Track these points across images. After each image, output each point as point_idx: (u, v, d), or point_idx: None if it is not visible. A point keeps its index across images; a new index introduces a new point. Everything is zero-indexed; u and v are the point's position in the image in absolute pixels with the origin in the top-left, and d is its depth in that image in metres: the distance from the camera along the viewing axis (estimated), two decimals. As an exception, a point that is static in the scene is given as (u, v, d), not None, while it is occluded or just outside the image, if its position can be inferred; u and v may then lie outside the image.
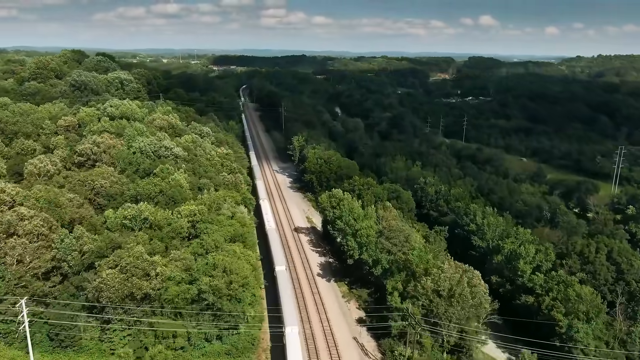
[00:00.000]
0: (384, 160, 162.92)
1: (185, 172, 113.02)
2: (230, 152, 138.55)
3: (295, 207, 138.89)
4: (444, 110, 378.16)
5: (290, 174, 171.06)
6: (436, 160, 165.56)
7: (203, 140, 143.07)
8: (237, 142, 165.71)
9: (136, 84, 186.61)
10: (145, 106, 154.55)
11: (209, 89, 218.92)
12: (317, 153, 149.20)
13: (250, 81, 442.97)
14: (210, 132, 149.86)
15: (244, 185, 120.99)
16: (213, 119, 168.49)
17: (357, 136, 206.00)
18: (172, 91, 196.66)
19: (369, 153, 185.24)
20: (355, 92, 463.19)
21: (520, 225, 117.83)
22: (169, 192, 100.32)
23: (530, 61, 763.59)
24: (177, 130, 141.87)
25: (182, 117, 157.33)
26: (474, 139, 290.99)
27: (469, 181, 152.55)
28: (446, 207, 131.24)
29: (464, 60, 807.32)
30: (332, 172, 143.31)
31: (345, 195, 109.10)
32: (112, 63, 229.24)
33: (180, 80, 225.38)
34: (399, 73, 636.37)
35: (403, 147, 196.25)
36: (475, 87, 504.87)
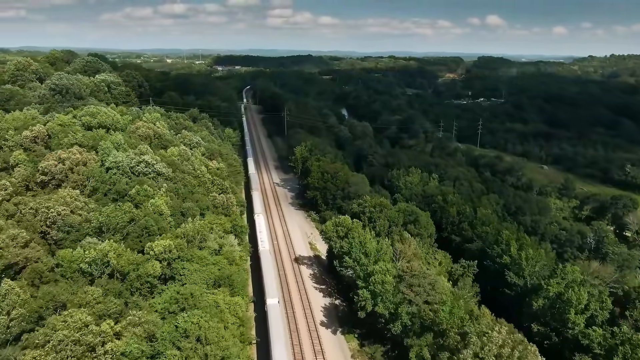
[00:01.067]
0: (396, 173, 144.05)
1: (166, 195, 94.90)
2: (222, 167, 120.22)
3: (296, 229, 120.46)
4: (455, 113, 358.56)
5: (292, 187, 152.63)
6: (455, 172, 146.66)
7: (193, 152, 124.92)
8: (234, 152, 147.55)
9: (125, 87, 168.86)
10: (130, 113, 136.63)
11: (206, 92, 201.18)
12: (322, 166, 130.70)
13: (254, 82, 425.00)
14: (201, 142, 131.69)
15: (236, 208, 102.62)
16: (207, 126, 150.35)
17: (366, 143, 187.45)
18: (165, 94, 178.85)
19: (379, 163, 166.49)
20: (363, 93, 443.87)
21: (559, 256, 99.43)
22: (142, 222, 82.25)
23: (541, 61, 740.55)
24: (164, 140, 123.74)
25: (171, 124, 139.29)
26: (489, 144, 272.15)
27: (494, 198, 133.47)
28: (471, 231, 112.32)
29: (473, 60, 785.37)
30: (338, 189, 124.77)
31: (354, 223, 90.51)
32: (104, 64, 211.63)
33: (176, 82, 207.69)
34: (407, 73, 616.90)
35: (416, 155, 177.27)
36: (486, 87, 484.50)
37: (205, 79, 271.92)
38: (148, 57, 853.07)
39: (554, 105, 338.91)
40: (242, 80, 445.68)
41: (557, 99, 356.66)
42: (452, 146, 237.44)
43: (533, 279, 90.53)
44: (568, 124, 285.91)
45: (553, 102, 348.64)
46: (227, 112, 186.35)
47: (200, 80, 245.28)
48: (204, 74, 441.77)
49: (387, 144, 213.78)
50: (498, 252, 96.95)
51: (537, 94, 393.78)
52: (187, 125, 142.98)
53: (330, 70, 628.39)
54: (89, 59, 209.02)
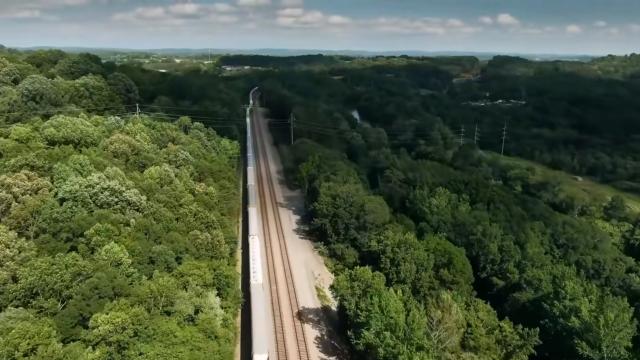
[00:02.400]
0: (419, 193, 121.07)
1: (132, 235, 73.15)
2: (212, 191, 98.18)
3: (300, 267, 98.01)
4: (474, 116, 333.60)
5: (298, 207, 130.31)
6: (488, 193, 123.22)
7: (179, 172, 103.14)
8: (229, 167, 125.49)
9: (109, 92, 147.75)
10: (106, 123, 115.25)
11: (204, 96, 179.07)
12: (333, 187, 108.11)
13: (262, 83, 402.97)
14: (189, 158, 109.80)
15: (224, 248, 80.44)
16: (199, 137, 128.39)
17: (382, 154, 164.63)
18: (156, 100, 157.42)
19: (398, 179, 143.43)
20: (375, 95, 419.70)
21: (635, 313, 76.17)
22: (91, 280, 60.59)
23: (559, 60, 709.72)
24: (143, 157, 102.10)
25: (155, 137, 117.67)
26: (514, 151, 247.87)
27: (539, 227, 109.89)
28: (518, 275, 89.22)
29: (488, 59, 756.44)
30: (352, 216, 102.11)
31: (375, 277, 67.97)
32: (93, 65, 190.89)
33: (171, 85, 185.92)
34: (420, 73, 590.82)
35: (439, 169, 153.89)
36: (504, 88, 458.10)
37: (207, 80, 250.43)
38: (157, 57, 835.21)
39: (581, 108, 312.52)
40: (249, 81, 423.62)
41: (583, 101, 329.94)
42: (476, 155, 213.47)
43: (613, 351, 67.56)
44: (599, 129, 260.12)
45: (579, 105, 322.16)
46: (227, 119, 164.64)
47: (201, 82, 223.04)
48: (210, 74, 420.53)
49: (405, 154, 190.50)
50: (560, 310, 73.97)
51: (560, 96, 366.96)
52: (176, 136, 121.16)
53: (341, 70, 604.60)
54: (77, 59, 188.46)
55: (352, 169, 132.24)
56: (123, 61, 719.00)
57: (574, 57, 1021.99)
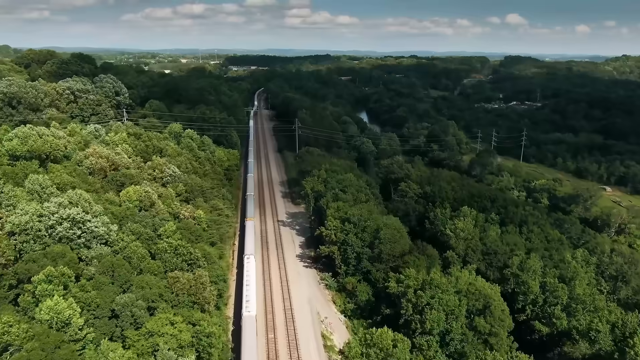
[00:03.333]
0: (441, 212, 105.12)
1: (89, 283, 58.04)
2: (200, 215, 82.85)
3: (303, 304, 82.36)
4: (489, 119, 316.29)
5: (302, 227, 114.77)
6: (519, 212, 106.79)
7: (164, 192, 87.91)
8: (225, 183, 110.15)
9: (96, 96, 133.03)
10: (82, 133, 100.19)
11: (202, 99, 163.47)
12: (342, 209, 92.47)
13: (268, 84, 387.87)
14: (177, 173, 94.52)
15: (209, 292, 64.92)
16: (191, 147, 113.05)
17: (396, 164, 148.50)
18: (149, 103, 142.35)
19: (414, 193, 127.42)
20: (384, 96, 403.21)
21: None
22: (19, 356, 45.50)
23: (572, 60, 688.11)
24: (121, 175, 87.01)
25: (140, 148, 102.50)
26: (535, 157, 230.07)
27: (582, 255, 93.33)
28: (566, 321, 73.13)
29: (499, 59, 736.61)
30: (365, 245, 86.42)
31: (397, 342, 52.28)
32: (85, 65, 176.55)
33: (167, 87, 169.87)
34: (430, 74, 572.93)
35: (460, 182, 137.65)
36: (517, 89, 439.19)
37: (208, 81, 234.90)
38: (163, 57, 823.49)
39: (603, 110, 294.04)
40: (255, 82, 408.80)
41: (603, 104, 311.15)
42: (495, 162, 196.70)
43: None
44: (625, 134, 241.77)
45: (599, 107, 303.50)
46: (227, 125, 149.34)
47: (201, 84, 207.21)
48: (214, 74, 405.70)
49: (420, 163, 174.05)
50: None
51: (577, 97, 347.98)
52: (164, 147, 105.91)
53: (350, 69, 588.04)
54: (67, 60, 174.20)
55: (363, 183, 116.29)
56: (128, 61, 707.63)
57: (584, 57, 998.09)
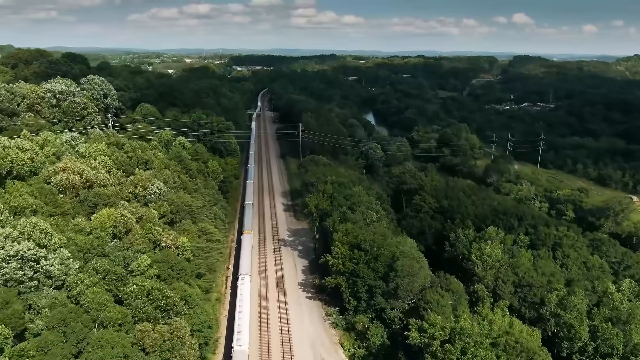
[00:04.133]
0: (463, 234, 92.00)
1: (33, 343, 45.47)
2: (184, 243, 70.04)
3: (306, 348, 69.36)
4: (501, 121, 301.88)
5: (305, 248, 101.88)
6: (552, 235, 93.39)
7: (147, 211, 75.29)
8: (218, 198, 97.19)
9: (82, 99, 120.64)
10: (54, 143, 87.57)
11: (199, 102, 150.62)
12: (351, 232, 79.51)
13: (272, 84, 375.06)
14: (162, 190, 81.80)
15: (189, 348, 52.08)
16: (180, 158, 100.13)
17: (409, 174, 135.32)
18: (140, 107, 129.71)
19: (430, 207, 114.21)
20: (392, 97, 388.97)
21: None
22: None
23: (583, 60, 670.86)
24: (95, 195, 74.45)
25: (121, 160, 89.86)
26: (553, 163, 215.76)
27: (630, 286, 79.88)
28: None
29: (508, 59, 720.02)
30: (378, 276, 73.42)
31: None
32: (75, 66, 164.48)
33: (162, 89, 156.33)
34: (437, 74, 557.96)
35: (480, 194, 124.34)
36: (528, 90, 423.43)
37: (208, 82, 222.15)
38: (168, 56, 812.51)
39: (622, 113, 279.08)
40: (259, 82, 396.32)
41: (621, 105, 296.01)
42: (512, 169, 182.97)
43: None
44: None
45: (618, 109, 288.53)
46: (225, 130, 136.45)
47: (200, 85, 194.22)
48: (217, 74, 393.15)
49: (433, 171, 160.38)
50: None
51: (592, 98, 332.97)
52: (149, 159, 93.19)
53: (356, 68, 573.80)
54: (56, 59, 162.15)
55: (373, 199, 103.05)
56: (133, 61, 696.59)
57: (592, 57, 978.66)
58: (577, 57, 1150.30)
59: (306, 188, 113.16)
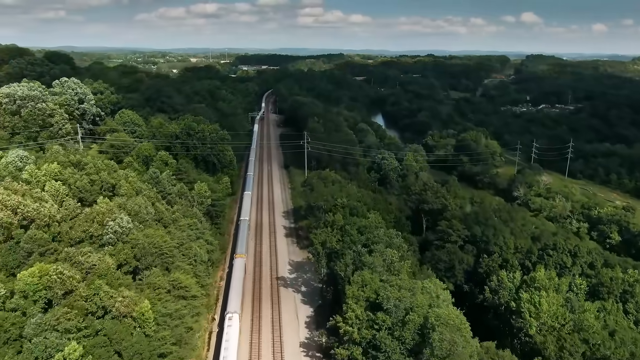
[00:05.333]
0: (507, 279, 72.55)
1: None
2: (144, 312, 51.06)
3: None
4: (519, 125, 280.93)
5: (310, 289, 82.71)
6: (619, 279, 73.62)
7: (101, 260, 56.45)
8: (201, 233, 78.07)
9: (50, 104, 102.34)
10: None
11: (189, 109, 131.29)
12: (369, 284, 60.31)
13: (277, 85, 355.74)
14: (127, 227, 62.82)
15: None
16: (157, 180, 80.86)
17: (430, 191, 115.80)
18: (119, 114, 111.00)
19: (459, 236, 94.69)
20: (402, 98, 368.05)
21: None
22: None
23: (598, 60, 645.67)
24: (29, 240, 55.79)
25: (81, 186, 71.11)
26: (582, 173, 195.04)
27: None
28: None
29: (519, 59, 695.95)
30: (404, 347, 54.25)
31: None
32: (55, 67, 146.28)
33: (148, 93, 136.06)
34: (448, 73, 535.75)
35: (515, 217, 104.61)
36: (544, 91, 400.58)
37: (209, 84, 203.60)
38: (173, 56, 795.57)
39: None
40: (264, 83, 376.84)
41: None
42: (542, 181, 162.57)
43: None
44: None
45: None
46: (220, 140, 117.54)
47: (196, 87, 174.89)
48: (222, 74, 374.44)
49: (455, 185, 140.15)
50: None
51: (616, 100, 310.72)
52: (116, 183, 74.43)
53: (364, 66, 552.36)
54: (35, 59, 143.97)
55: (393, 230, 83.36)
56: (137, 60, 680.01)
57: (603, 56, 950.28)
58: (586, 56, 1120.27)
59: (311, 212, 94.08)
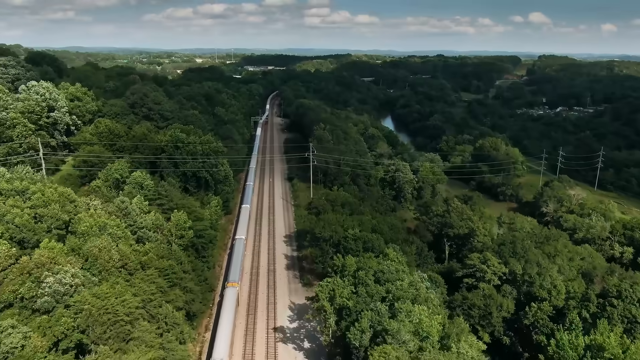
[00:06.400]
0: (567, 342, 55.67)
1: None
2: None
3: None
4: (538, 129, 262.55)
5: (316, 346, 66.40)
6: None
7: (28, 336, 40.41)
8: (186, 270, 61.55)
9: (11, 113, 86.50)
10: None
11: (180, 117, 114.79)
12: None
13: (283, 86, 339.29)
14: (70, 286, 46.64)
15: None
16: (125, 211, 64.68)
17: (454, 212, 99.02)
18: (95, 124, 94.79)
19: (494, 272, 77.72)
20: (412, 99, 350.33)
21: None
22: None
23: (614, 60, 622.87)
24: None
25: (22, 224, 55.11)
26: (613, 184, 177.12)
27: None
28: None
29: (531, 59, 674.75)
30: None
31: None
32: (33, 68, 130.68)
33: (134, 99, 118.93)
34: (458, 74, 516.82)
35: (565, 253, 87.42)
36: (561, 93, 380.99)
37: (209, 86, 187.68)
38: (179, 56, 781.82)
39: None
40: (269, 84, 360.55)
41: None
42: (574, 196, 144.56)
43: None
44: None
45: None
46: (213, 150, 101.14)
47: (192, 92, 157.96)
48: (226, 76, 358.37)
49: (480, 201, 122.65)
50: None
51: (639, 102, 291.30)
52: (72, 217, 58.26)
53: (372, 71, 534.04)
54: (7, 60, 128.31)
55: (418, 275, 66.48)
56: (142, 61, 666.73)
57: (612, 57, 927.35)
58: (596, 56, 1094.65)
59: (317, 244, 77.59)
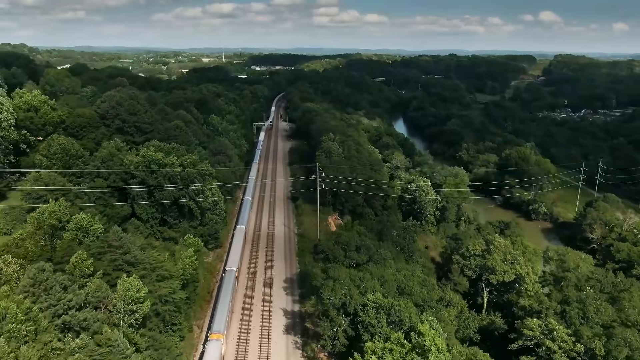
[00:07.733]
0: None
1: None
2: None
3: None
4: (564, 135, 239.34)
5: None
6: None
7: None
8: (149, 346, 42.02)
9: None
10: None
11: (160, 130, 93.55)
12: None
13: (290, 87, 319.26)
14: None
15: None
16: (48, 285, 44.20)
17: (495, 253, 78.56)
18: (48, 142, 75.03)
19: (559, 346, 57.09)
20: (426, 101, 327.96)
21: None
22: None
23: (635, 60, 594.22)
24: None
25: None
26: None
27: None
28: None
29: (546, 59, 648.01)
30: None
31: None
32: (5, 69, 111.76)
33: (105, 107, 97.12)
34: (472, 74, 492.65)
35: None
36: (582, 94, 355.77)
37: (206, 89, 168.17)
38: (185, 55, 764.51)
39: None
40: (275, 85, 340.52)
41: None
42: (624, 218, 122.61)
43: None
44: None
45: None
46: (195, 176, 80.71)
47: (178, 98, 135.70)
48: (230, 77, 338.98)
49: (519, 231, 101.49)
50: None
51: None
52: None
53: (382, 71, 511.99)
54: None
55: None
56: (148, 61, 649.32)
57: (626, 56, 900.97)
58: (608, 56, 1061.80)
59: (324, 310, 57.36)
